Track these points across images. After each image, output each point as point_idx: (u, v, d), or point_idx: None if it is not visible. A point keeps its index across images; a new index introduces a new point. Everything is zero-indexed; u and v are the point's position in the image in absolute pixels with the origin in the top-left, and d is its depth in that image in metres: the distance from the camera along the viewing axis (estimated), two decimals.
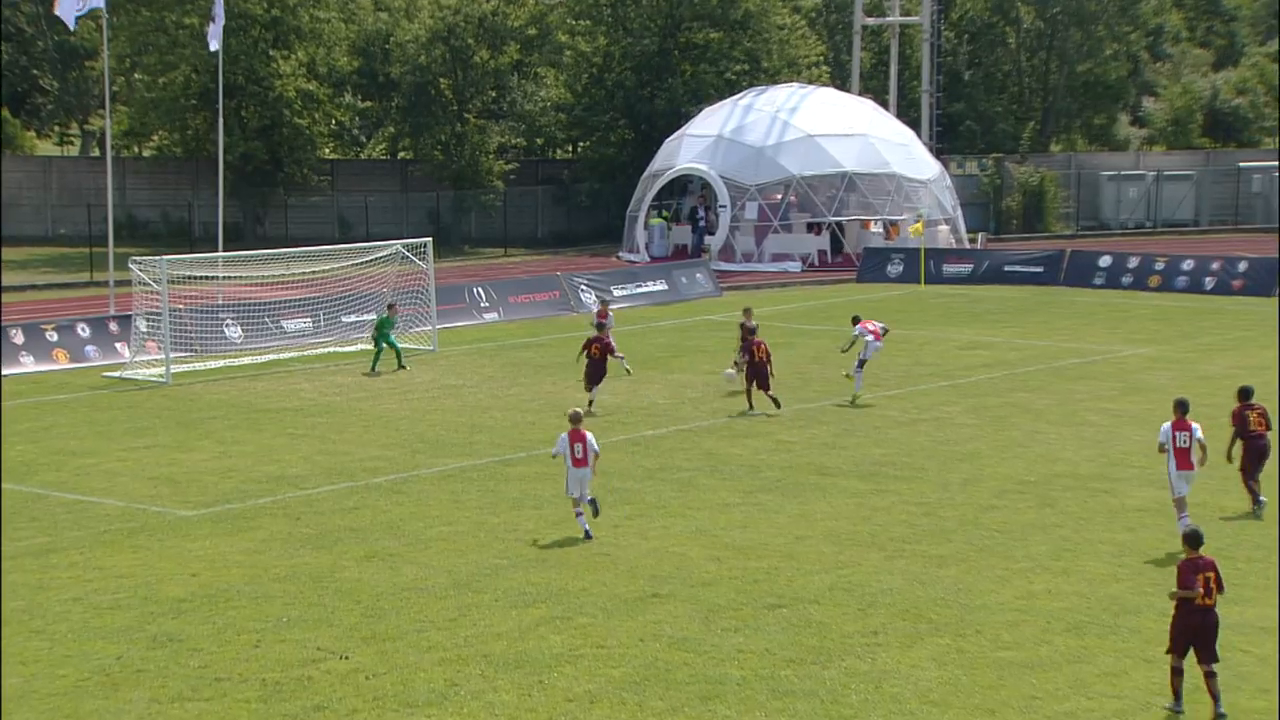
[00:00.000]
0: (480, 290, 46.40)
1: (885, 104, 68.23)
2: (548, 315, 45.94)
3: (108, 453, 27.36)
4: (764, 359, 30.38)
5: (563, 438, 21.40)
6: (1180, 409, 21.26)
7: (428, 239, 41.29)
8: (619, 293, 48.92)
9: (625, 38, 70.28)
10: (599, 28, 71.28)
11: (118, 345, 37.75)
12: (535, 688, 15.85)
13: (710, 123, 61.99)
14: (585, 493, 21.35)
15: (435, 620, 17.89)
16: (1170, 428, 21.11)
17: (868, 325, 32.06)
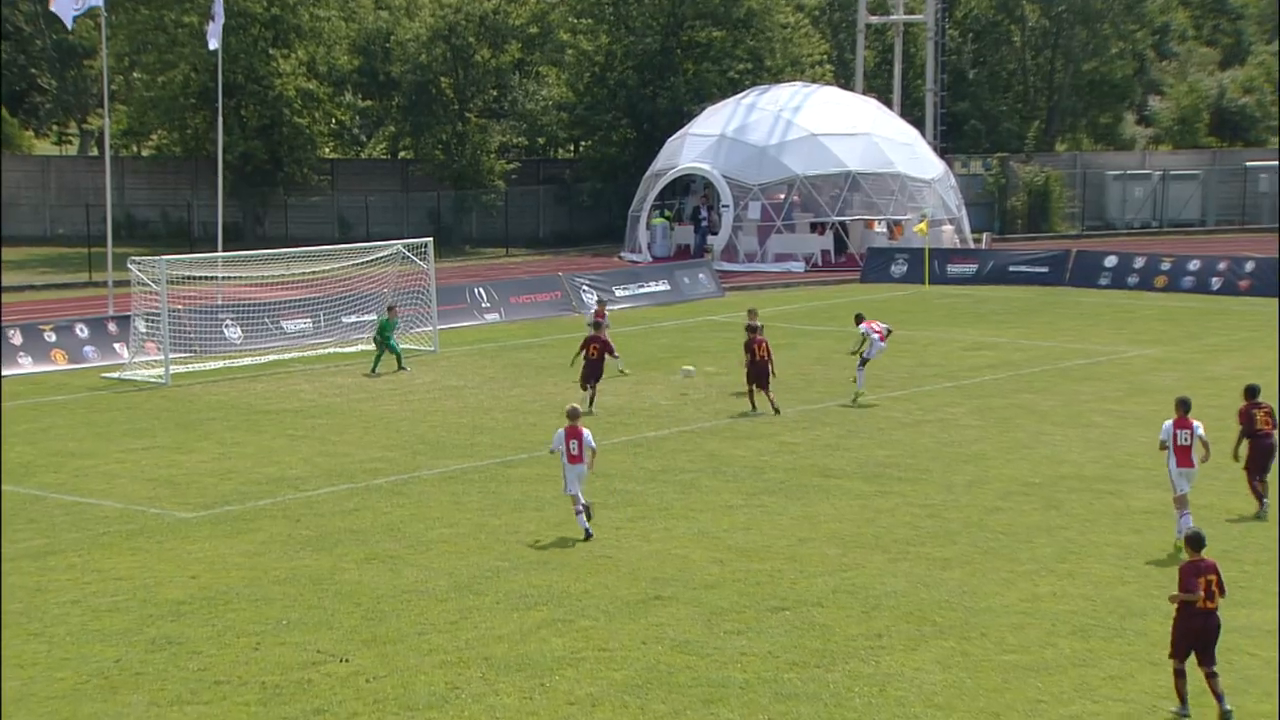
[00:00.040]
0: (481, 291, 46.31)
1: (889, 103, 68.10)
2: (549, 316, 45.85)
3: (106, 454, 27.29)
4: (765, 358, 30.30)
5: (559, 434, 21.57)
6: (1182, 407, 21.26)
7: (428, 239, 41.20)
8: (621, 293, 48.88)
9: (627, 36, 70.18)
10: (601, 26, 71.18)
11: (116, 346, 37.68)
12: (537, 691, 15.80)
13: (713, 122, 61.88)
14: (581, 490, 21.40)
15: (436, 623, 17.83)
16: (1172, 425, 21.11)
17: (872, 325, 31.98)
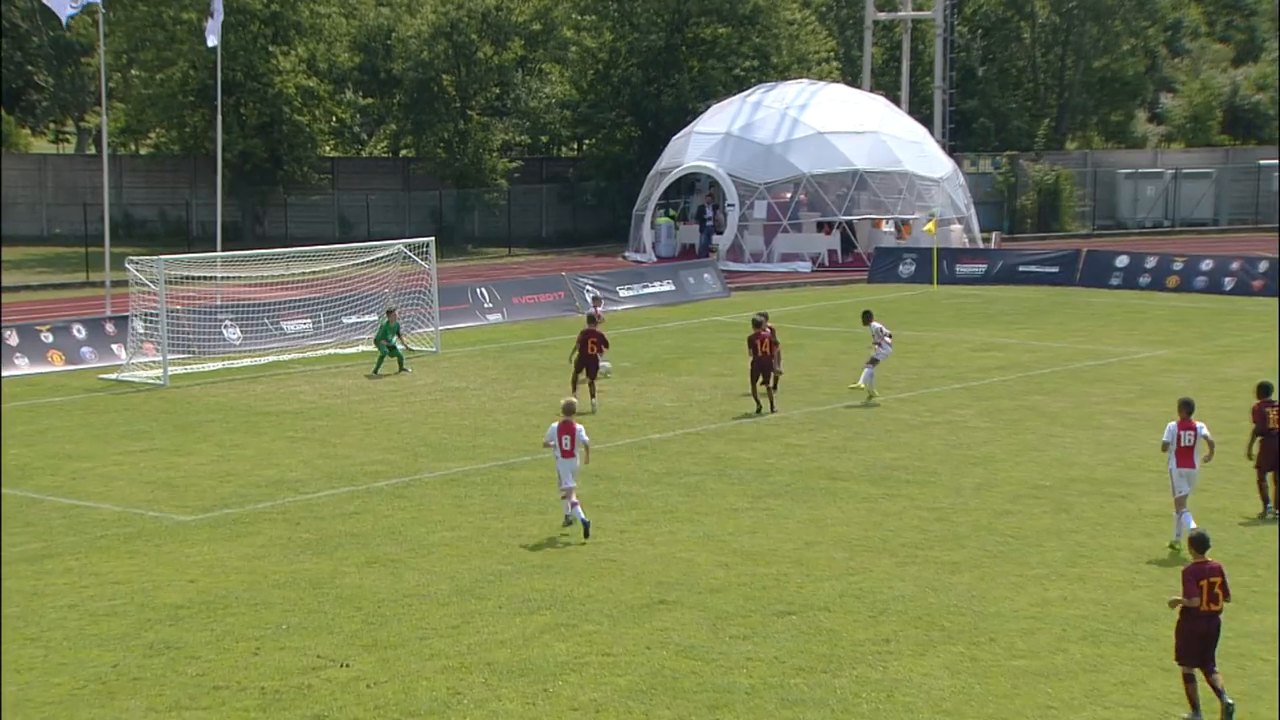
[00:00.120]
0: (483, 291, 46.19)
1: (897, 100, 68.00)
2: (552, 316, 45.70)
3: (104, 456, 27.17)
4: (767, 352, 30.16)
5: (553, 428, 21.73)
6: (1185, 408, 21.19)
7: (430, 238, 41.06)
8: (625, 293, 48.85)
9: (632, 33, 70.06)
10: (605, 23, 71.08)
11: (114, 347, 37.52)
12: (540, 696, 15.69)
13: (718, 120, 61.75)
14: (574, 483, 21.57)
15: (438, 627, 17.72)
16: (1176, 427, 21.06)
17: (883, 327, 31.93)
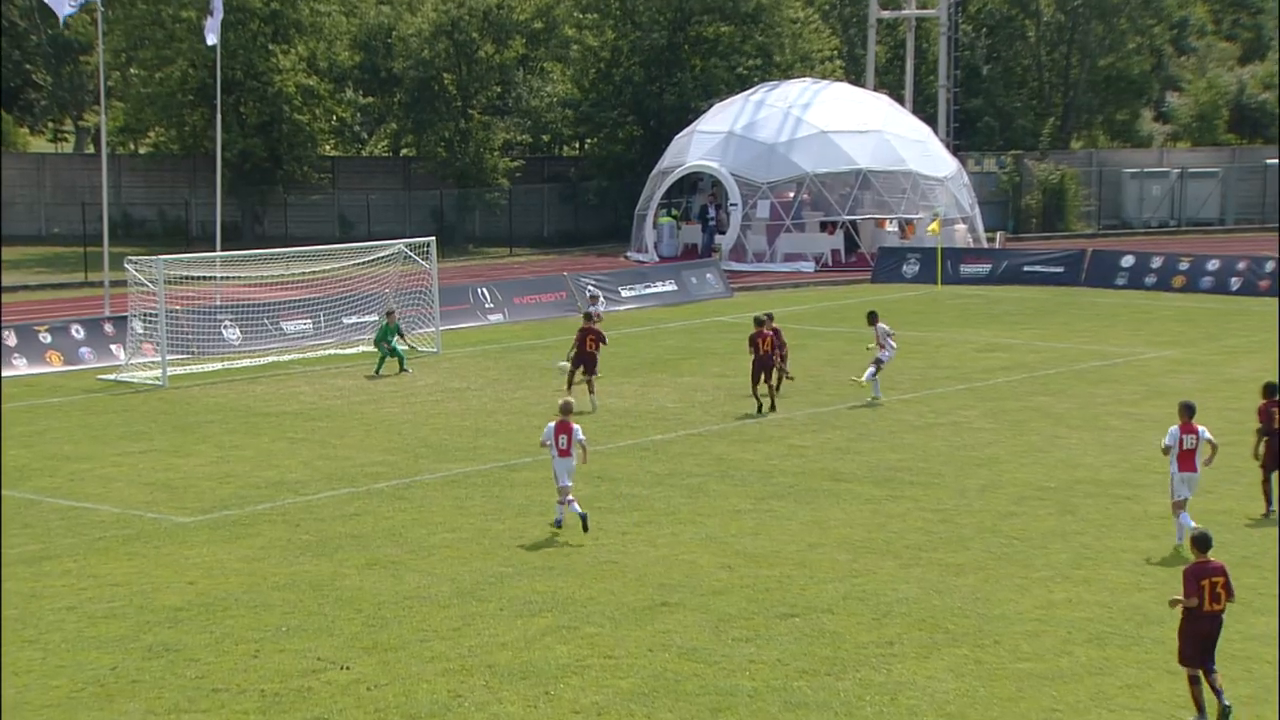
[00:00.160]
0: (485, 291, 46.11)
1: (901, 99, 67.91)
2: (554, 316, 45.60)
3: (102, 457, 27.10)
4: (769, 351, 30.10)
5: (549, 427, 21.79)
6: (1186, 412, 21.12)
7: (431, 238, 41.00)
8: (627, 293, 48.83)
9: (634, 32, 69.99)
10: (607, 21, 71.03)
11: (113, 347, 37.43)
12: (541, 699, 15.63)
13: (721, 119, 61.67)
14: (570, 482, 21.64)
15: (438, 630, 17.67)
16: (1178, 431, 21.00)
17: (888, 329, 31.90)
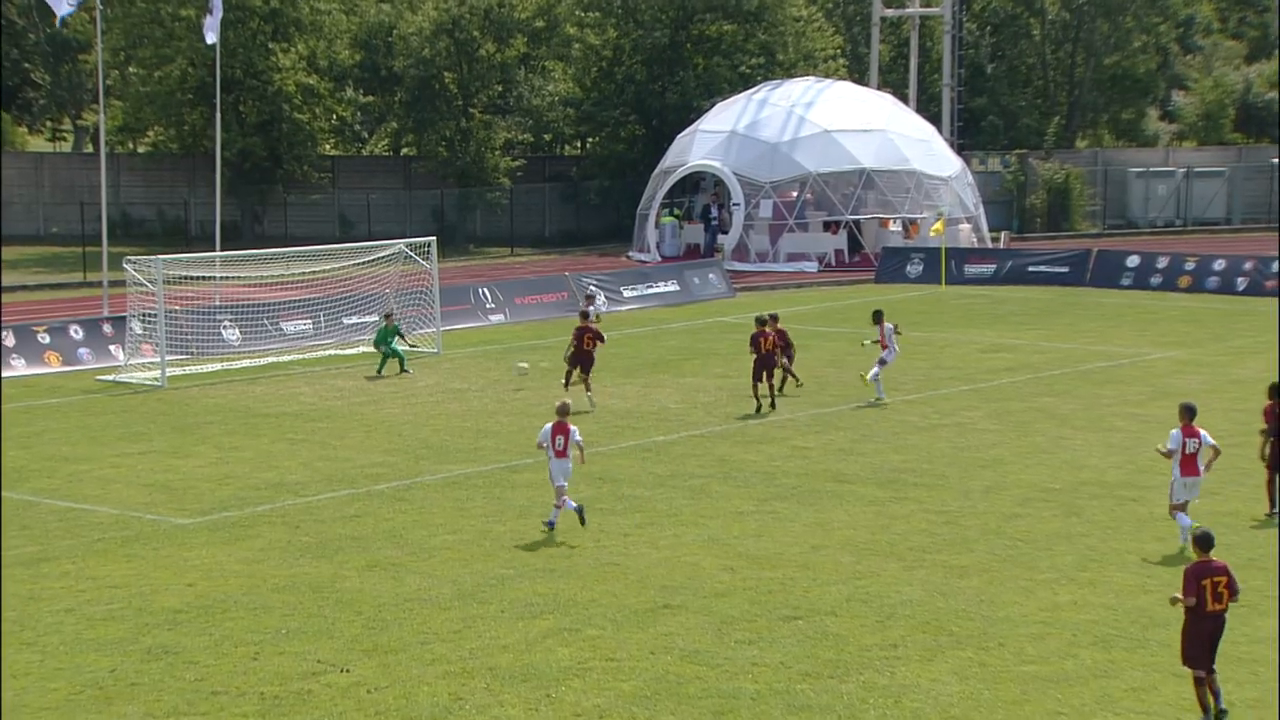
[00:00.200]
0: (486, 291, 46.04)
1: (905, 98, 67.72)
2: (555, 317, 45.50)
3: (101, 459, 27.05)
4: (771, 349, 30.06)
5: (546, 429, 21.82)
6: (1188, 414, 21.04)
7: (431, 238, 40.94)
8: (629, 294, 48.81)
9: (636, 30, 69.84)
10: (608, 20, 70.90)
11: (112, 348, 37.34)
12: (543, 702, 15.58)
13: (723, 118, 61.57)
14: (567, 483, 21.68)
15: (439, 632, 17.62)
16: (1180, 434, 20.89)
17: (894, 328, 31.87)
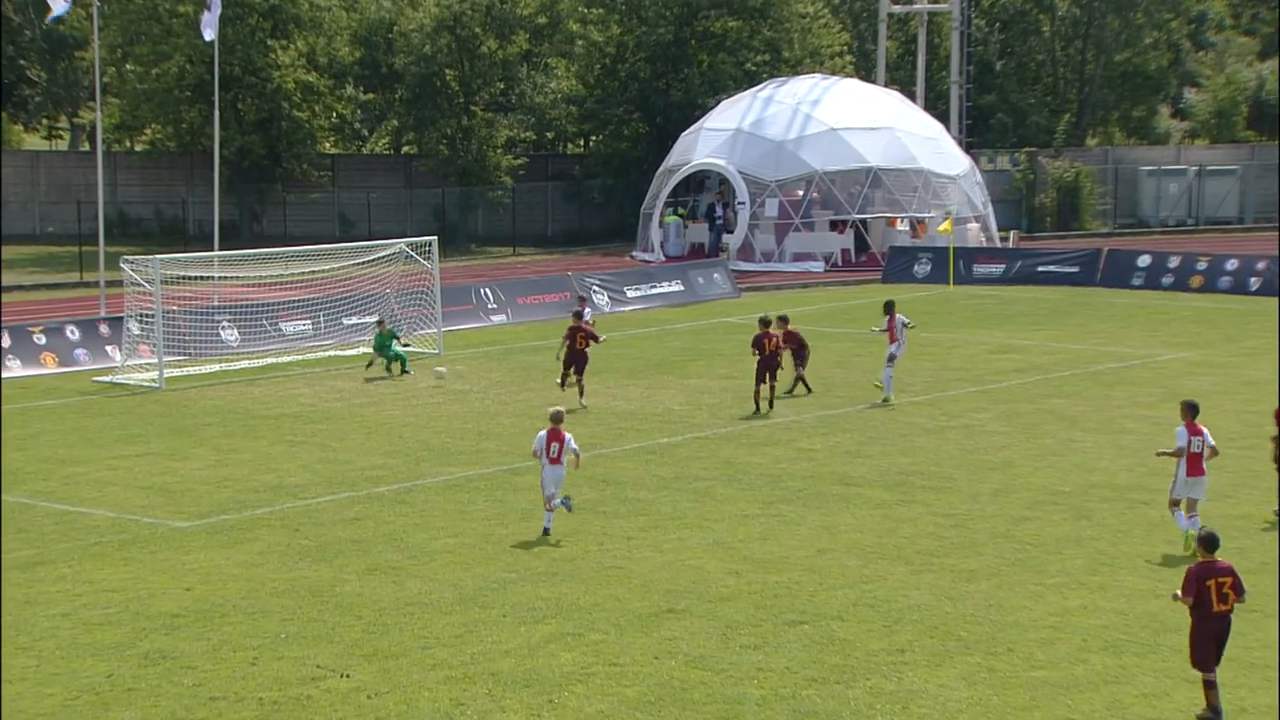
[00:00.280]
0: (487, 291, 45.94)
1: (912, 96, 67.57)
2: (558, 317, 45.18)
3: (98, 461, 26.94)
4: (774, 351, 30.06)
5: (540, 436, 21.80)
6: (1190, 411, 20.96)
7: (432, 237, 40.87)
8: (633, 294, 48.73)
9: (639, 27, 69.69)
10: (612, 16, 70.77)
11: (109, 348, 37.19)
12: (545, 708, 15.48)
13: (728, 115, 61.45)
14: (558, 491, 21.70)
15: (440, 637, 17.51)
16: (1185, 432, 20.81)
17: (906, 320, 31.84)
